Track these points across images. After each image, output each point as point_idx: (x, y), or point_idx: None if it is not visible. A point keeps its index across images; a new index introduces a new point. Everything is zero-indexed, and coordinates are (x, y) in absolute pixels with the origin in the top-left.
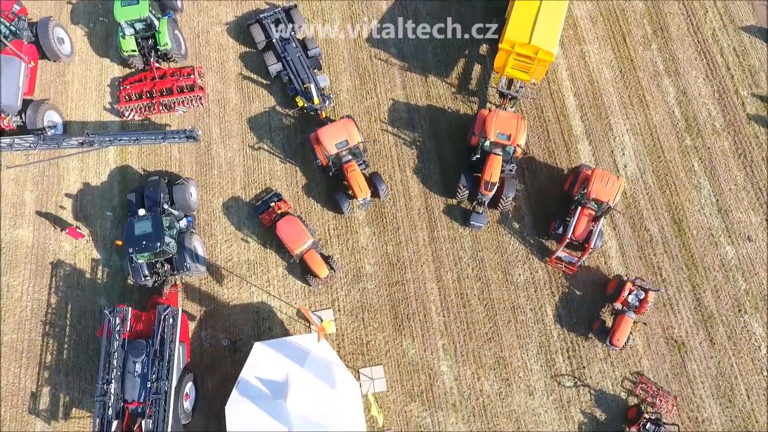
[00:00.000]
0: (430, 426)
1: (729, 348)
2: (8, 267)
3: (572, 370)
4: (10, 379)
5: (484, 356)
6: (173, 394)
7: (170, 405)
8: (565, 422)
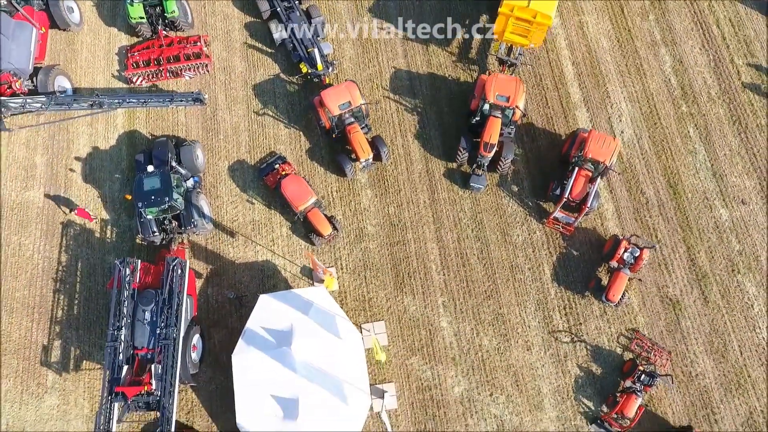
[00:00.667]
0: (431, 379)
1: (722, 306)
2: (20, 227)
3: (569, 326)
4: (22, 332)
5: (483, 313)
6: (181, 343)
7: (179, 351)
8: (562, 376)
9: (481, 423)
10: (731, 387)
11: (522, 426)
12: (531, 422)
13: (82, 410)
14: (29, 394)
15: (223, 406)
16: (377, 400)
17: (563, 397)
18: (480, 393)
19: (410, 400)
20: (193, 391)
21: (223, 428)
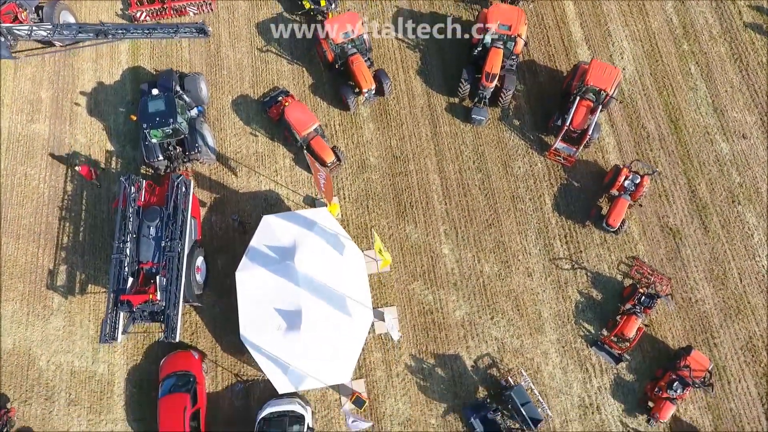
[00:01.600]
0: (432, 303)
1: (723, 236)
2: (26, 157)
3: (570, 254)
4: (28, 258)
5: (484, 241)
6: (185, 261)
7: (183, 263)
8: (563, 301)
9: (482, 345)
10: (731, 313)
11: (523, 348)
12: (531, 345)
13: (87, 331)
14: (35, 316)
15: (226, 328)
16: (380, 323)
17: (563, 321)
18: (481, 317)
19: (412, 323)
20: (197, 313)
21: (227, 349)
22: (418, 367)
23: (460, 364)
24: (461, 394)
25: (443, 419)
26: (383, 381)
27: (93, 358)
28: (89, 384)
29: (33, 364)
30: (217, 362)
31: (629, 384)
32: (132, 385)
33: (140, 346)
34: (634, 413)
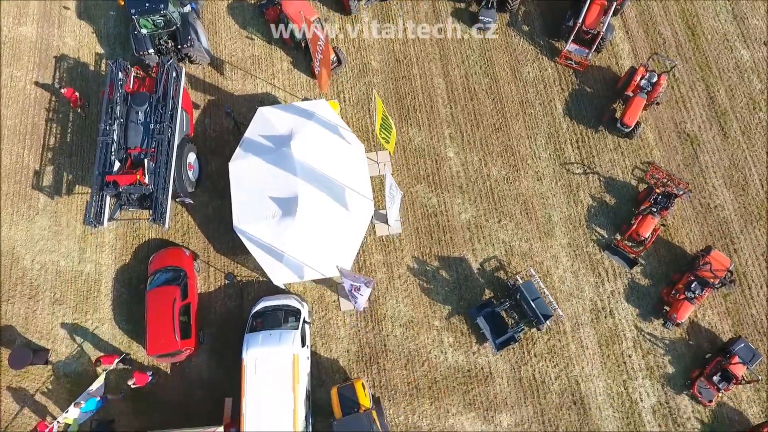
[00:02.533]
0: (436, 205)
1: (743, 142)
2: (12, 59)
3: (581, 158)
4: (12, 158)
5: (491, 144)
6: (176, 150)
7: (173, 149)
8: (574, 206)
9: (489, 248)
10: (752, 219)
11: (531, 252)
12: (541, 248)
13: (74, 231)
14: (20, 216)
15: (220, 229)
16: (381, 225)
17: (575, 225)
18: (488, 220)
19: (415, 226)
20: (189, 213)
21: (220, 250)
22: (422, 269)
23: (465, 266)
24: (466, 297)
25: (447, 321)
26: (384, 283)
27: (80, 258)
28: (75, 283)
29: (17, 263)
30: (209, 263)
31: (644, 289)
32: (120, 285)
33: (129, 246)
34: (649, 318)
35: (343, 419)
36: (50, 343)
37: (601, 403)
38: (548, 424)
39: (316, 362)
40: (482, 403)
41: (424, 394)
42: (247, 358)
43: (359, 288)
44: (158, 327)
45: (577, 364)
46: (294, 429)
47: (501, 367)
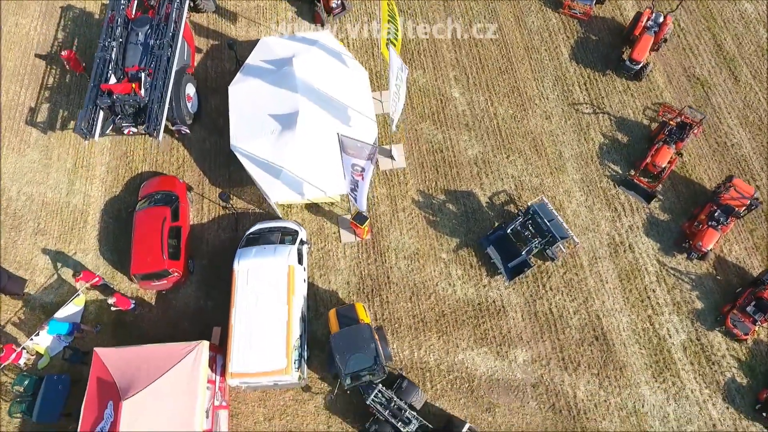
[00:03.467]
0: (442, 142)
1: (755, 85)
2: (18, 8)
3: (590, 100)
4: (9, 96)
5: (497, 86)
6: (174, 74)
7: (172, 69)
8: (585, 143)
9: (498, 182)
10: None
11: (543, 186)
12: (552, 183)
13: (65, 164)
14: (10, 149)
15: (216, 162)
16: (384, 159)
17: (587, 161)
18: (496, 155)
19: (420, 161)
20: (185, 147)
21: (215, 183)
22: (427, 202)
23: (473, 200)
24: (475, 230)
25: (455, 254)
26: (387, 216)
27: (68, 190)
28: (61, 214)
29: (2, 194)
30: (203, 195)
31: (664, 223)
32: (108, 216)
33: (121, 179)
34: (671, 253)
35: (341, 331)
36: (28, 273)
37: (626, 339)
38: (569, 360)
39: (313, 294)
40: (495, 338)
41: (431, 328)
42: (238, 268)
43: (357, 184)
44: (145, 244)
45: (597, 298)
46: (287, 343)
47: (514, 301)
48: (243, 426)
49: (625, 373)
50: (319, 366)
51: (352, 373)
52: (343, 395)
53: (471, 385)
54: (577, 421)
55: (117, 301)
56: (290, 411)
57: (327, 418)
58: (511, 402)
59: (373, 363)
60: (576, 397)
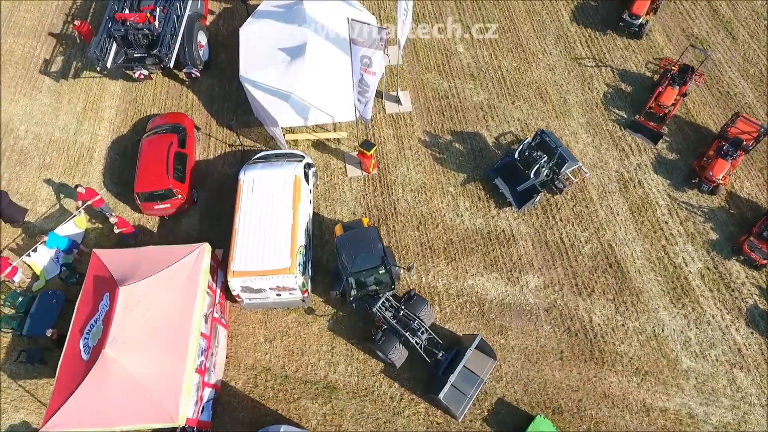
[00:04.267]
0: (448, 89)
1: (753, 43)
2: None
3: (593, 55)
4: (26, 50)
5: (500, 42)
6: (187, 16)
7: (186, 7)
8: (588, 92)
9: (504, 125)
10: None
11: (549, 128)
12: (559, 126)
13: (75, 108)
14: (22, 95)
15: (224, 107)
16: (391, 104)
17: (591, 107)
18: (501, 101)
19: (426, 106)
20: (194, 92)
21: (222, 124)
22: (434, 141)
23: (479, 140)
24: (482, 166)
25: (462, 187)
26: (394, 153)
27: (76, 130)
28: (67, 151)
29: (10, 133)
30: (210, 134)
31: (672, 162)
32: (114, 152)
33: (129, 120)
34: (682, 188)
35: (347, 233)
36: (30, 203)
37: (641, 267)
38: (582, 286)
39: (319, 223)
40: (505, 265)
41: (439, 255)
42: (244, 178)
43: (365, 87)
44: (150, 165)
45: (609, 229)
46: (292, 245)
47: (524, 231)
48: (242, 347)
49: (642, 298)
50: (323, 290)
51: (358, 272)
52: (348, 317)
53: (482, 309)
54: (594, 344)
55: (119, 222)
56: (292, 332)
57: (331, 339)
58: (523, 325)
59: (380, 262)
60: (592, 322)
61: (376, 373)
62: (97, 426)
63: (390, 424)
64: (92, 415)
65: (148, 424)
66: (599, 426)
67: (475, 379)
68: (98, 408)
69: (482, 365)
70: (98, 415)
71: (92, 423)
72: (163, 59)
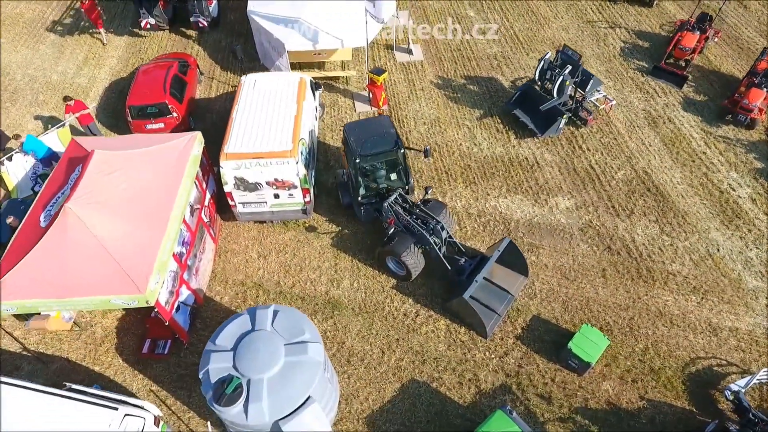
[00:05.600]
0: (459, 42)
1: (765, 10)
2: None
3: (605, 18)
4: (35, 13)
5: (511, 10)
6: None
7: None
8: (605, 47)
9: (519, 71)
10: None
11: None
12: None
13: (76, 57)
14: (24, 45)
15: (228, 58)
16: (403, 55)
17: (609, 59)
18: (515, 53)
19: (437, 56)
20: (200, 44)
21: (226, 68)
22: (446, 84)
23: (495, 83)
24: (499, 104)
25: (479, 121)
26: (405, 93)
27: (75, 74)
28: (62, 90)
29: (7, 76)
30: (213, 77)
31: (701, 102)
32: (111, 92)
33: (130, 66)
34: (716, 124)
35: (357, 121)
36: (14, 132)
37: (683, 192)
38: (620, 208)
39: (324, 150)
40: (531, 188)
41: (456, 179)
42: (245, 80)
43: None
44: (146, 81)
45: (642, 158)
46: (294, 132)
47: (548, 158)
48: (231, 263)
49: (689, 220)
50: (327, 210)
51: (367, 156)
52: (354, 234)
53: (507, 227)
54: (640, 262)
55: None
56: (290, 249)
57: (334, 255)
58: (556, 243)
59: (393, 146)
60: (635, 241)
61: (386, 289)
62: (55, 296)
63: (404, 342)
64: (48, 282)
65: (112, 296)
66: (658, 345)
67: (504, 295)
68: (56, 275)
69: (512, 282)
70: (56, 283)
71: (48, 292)
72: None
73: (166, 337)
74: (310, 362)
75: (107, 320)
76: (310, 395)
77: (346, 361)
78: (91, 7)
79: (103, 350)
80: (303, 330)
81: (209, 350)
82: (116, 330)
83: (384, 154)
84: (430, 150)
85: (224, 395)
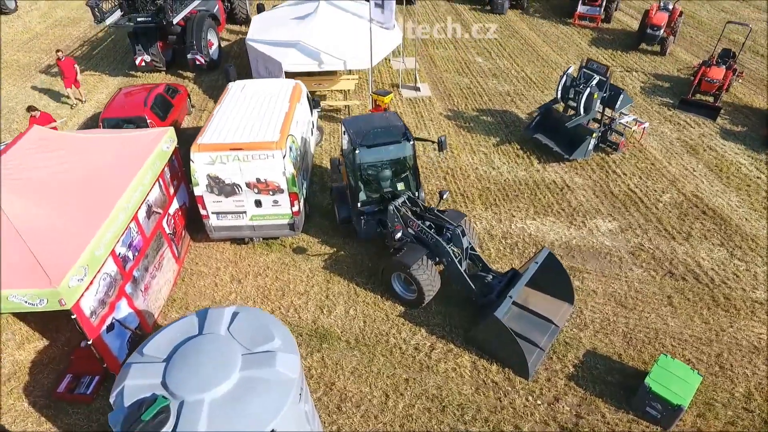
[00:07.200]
0: (469, 83)
1: None
2: None
3: (620, 65)
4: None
5: (520, 57)
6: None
7: None
8: (625, 86)
9: (534, 105)
10: None
11: None
12: None
13: (63, 93)
14: (12, 85)
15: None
16: (410, 92)
17: (632, 95)
18: (529, 90)
19: (446, 93)
20: (196, 82)
21: None
22: (457, 115)
23: (509, 115)
24: (516, 132)
25: (496, 147)
26: (413, 123)
27: (59, 106)
28: None
29: None
30: (204, 110)
31: (740, 132)
32: (93, 120)
33: None
34: (763, 151)
35: (357, 115)
36: None
37: (745, 215)
38: (674, 231)
39: (320, 174)
40: (563, 210)
41: (474, 200)
42: (233, 85)
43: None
44: (126, 97)
45: (688, 182)
46: (284, 126)
47: (579, 181)
48: (196, 287)
49: (761, 243)
50: (319, 231)
51: (371, 146)
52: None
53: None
54: (713, 288)
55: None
56: (271, 273)
57: (326, 279)
58: (604, 268)
59: (401, 137)
60: (701, 266)
61: (391, 317)
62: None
63: (415, 383)
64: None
65: (11, 291)
66: (763, 388)
67: (547, 326)
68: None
69: (555, 310)
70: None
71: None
72: (166, 12)
73: (93, 373)
74: (278, 380)
75: (22, 353)
76: (274, 429)
77: (336, 408)
78: (67, 65)
79: (6, 390)
80: (271, 335)
81: (131, 362)
82: (32, 365)
83: (389, 147)
84: (446, 140)
85: (139, 422)
